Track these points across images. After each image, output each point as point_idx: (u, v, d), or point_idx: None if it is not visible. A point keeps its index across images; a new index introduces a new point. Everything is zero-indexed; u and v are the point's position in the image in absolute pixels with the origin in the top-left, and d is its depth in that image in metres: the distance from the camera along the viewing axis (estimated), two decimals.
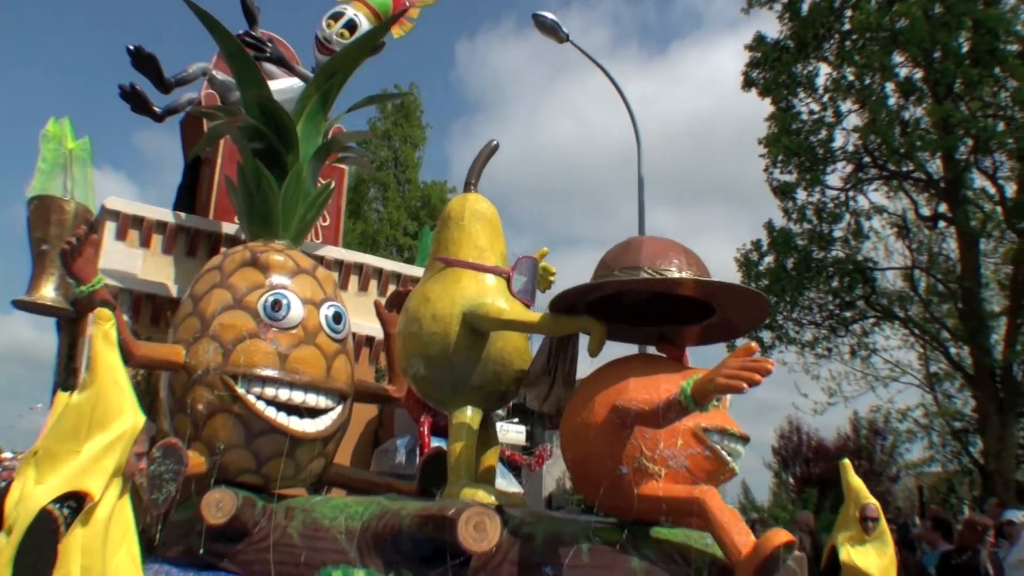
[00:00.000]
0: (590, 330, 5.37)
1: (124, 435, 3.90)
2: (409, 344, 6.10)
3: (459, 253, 6.20)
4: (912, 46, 20.87)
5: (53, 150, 7.74)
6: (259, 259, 6.53)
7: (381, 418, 8.81)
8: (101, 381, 3.94)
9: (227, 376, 6.13)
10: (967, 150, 21.10)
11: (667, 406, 4.73)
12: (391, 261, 9.38)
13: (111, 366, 4.02)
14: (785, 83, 22.92)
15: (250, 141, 6.96)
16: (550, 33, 17.13)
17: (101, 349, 4.05)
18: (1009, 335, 20.84)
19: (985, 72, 20.58)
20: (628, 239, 5.56)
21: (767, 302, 5.44)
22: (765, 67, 23.33)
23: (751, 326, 5.92)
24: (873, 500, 8.35)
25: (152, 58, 7.96)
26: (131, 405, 4.03)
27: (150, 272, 7.97)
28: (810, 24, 22.56)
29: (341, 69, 7.24)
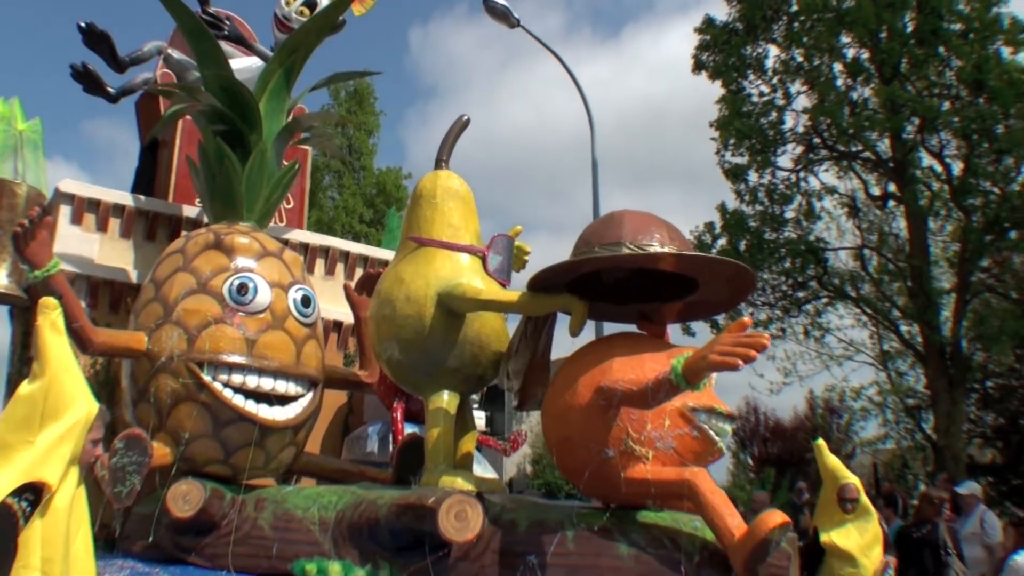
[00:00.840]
0: (571, 309, 5.12)
1: (78, 423, 3.70)
2: (382, 327, 5.80)
3: (432, 232, 5.92)
4: (858, 26, 20.89)
5: (2, 132, 7.33)
6: (223, 241, 6.20)
7: (351, 405, 8.49)
8: (52, 370, 3.70)
9: (192, 363, 5.82)
10: (914, 129, 21.14)
11: (656, 386, 4.51)
12: (357, 244, 9.05)
13: (60, 355, 3.78)
14: (735, 65, 22.82)
15: (211, 122, 6.62)
16: (501, 18, 16.86)
17: (49, 338, 3.80)
18: (957, 312, 20.92)
19: (930, 52, 20.66)
20: (609, 214, 5.30)
21: (753, 275, 5.21)
22: (715, 50, 23.24)
23: (736, 300, 5.70)
24: (852, 479, 8.17)
25: (105, 36, 7.56)
26: (83, 392, 3.79)
27: (108, 257, 7.59)
28: (758, 6, 22.47)
29: (304, 44, 6.90)
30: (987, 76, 19.78)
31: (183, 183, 8.10)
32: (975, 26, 20.32)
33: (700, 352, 4.34)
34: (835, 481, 8.10)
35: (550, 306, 5.28)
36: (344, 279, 8.56)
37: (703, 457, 4.83)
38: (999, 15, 20.24)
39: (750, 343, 4.18)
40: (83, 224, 7.55)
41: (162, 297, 6.06)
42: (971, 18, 20.42)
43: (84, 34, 7.54)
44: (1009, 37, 20.18)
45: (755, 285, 5.68)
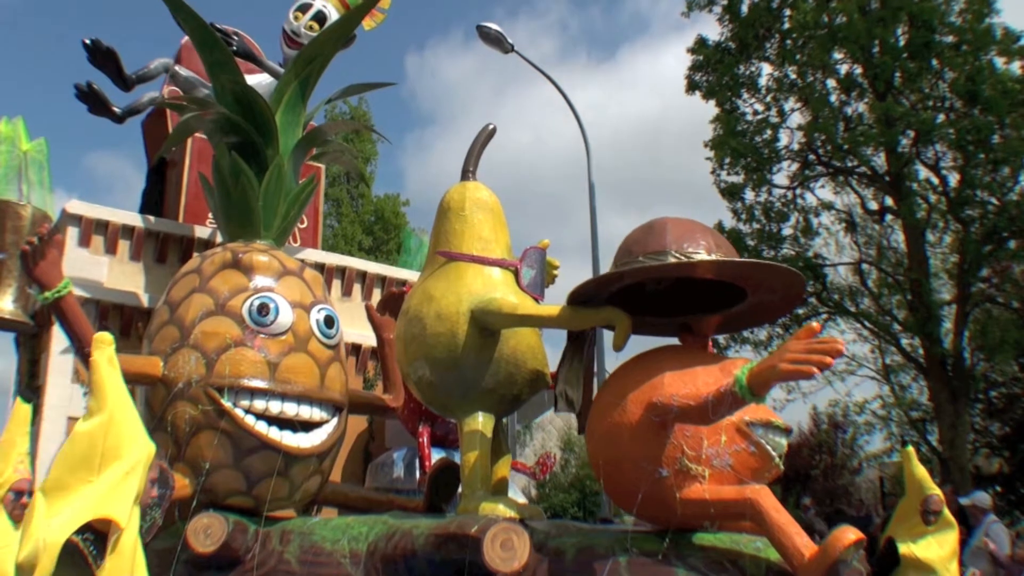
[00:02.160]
0: (614, 322, 4.75)
1: (140, 461, 3.52)
2: (412, 347, 5.40)
3: (462, 246, 5.54)
4: (850, 43, 20.70)
5: (6, 152, 6.95)
6: (241, 260, 5.80)
7: (371, 430, 8.06)
8: (111, 407, 3.53)
9: (212, 389, 5.42)
10: (909, 143, 20.93)
11: (718, 399, 4.15)
12: (375, 263, 8.62)
13: (118, 392, 3.63)
14: (728, 85, 22.56)
15: (225, 135, 6.23)
16: (495, 44, 16.63)
17: (106, 374, 3.64)
18: (958, 323, 20.66)
19: (923, 64, 20.49)
20: (650, 222, 4.97)
21: (803, 280, 4.86)
22: (708, 70, 22.98)
23: (785, 309, 5.36)
24: (936, 490, 7.77)
25: (111, 52, 7.18)
26: (141, 431, 3.64)
27: (117, 280, 7.19)
28: (750, 25, 22.26)
29: (320, 54, 6.53)
30: (981, 87, 19.60)
31: (194, 203, 7.72)
32: (967, 37, 20.13)
33: (768, 361, 3.99)
34: (920, 492, 7.70)
35: (592, 320, 4.94)
36: (361, 300, 8.16)
37: (760, 474, 4.51)
38: (991, 26, 20.07)
39: (824, 349, 3.82)
40: (91, 246, 7.15)
41: (178, 320, 5.67)
42: (963, 30, 20.25)
43: (89, 51, 7.16)
44: (1002, 47, 20.01)
45: (804, 291, 5.37)
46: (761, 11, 22.15)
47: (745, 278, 4.75)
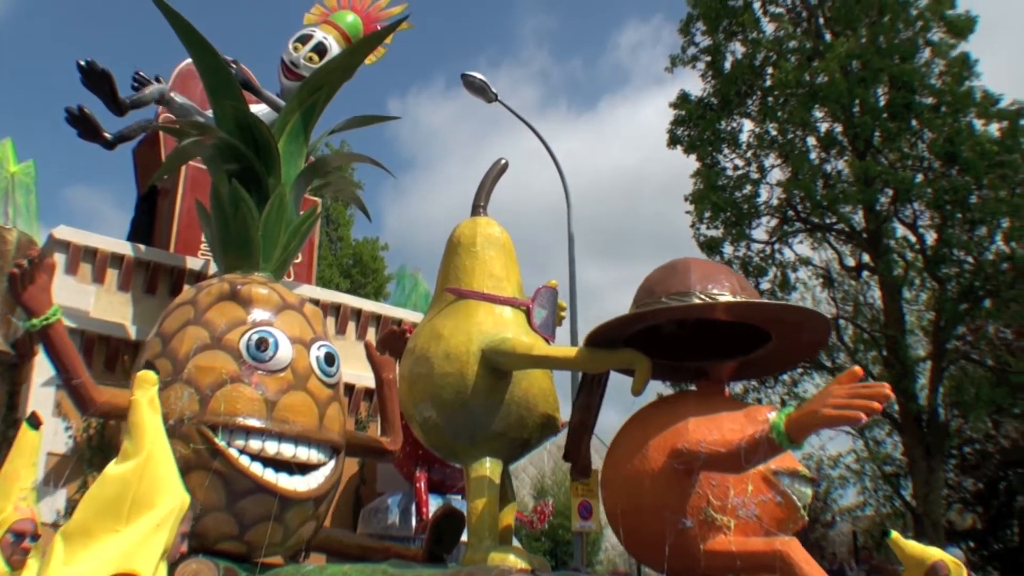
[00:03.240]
0: (634, 365, 4.55)
1: (172, 512, 3.20)
2: (418, 387, 5.13)
3: (472, 283, 5.29)
4: (831, 102, 20.67)
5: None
6: (240, 292, 5.49)
7: (363, 474, 7.70)
8: (147, 451, 3.23)
9: (205, 427, 5.12)
10: (888, 201, 20.85)
11: (752, 446, 4.00)
12: (371, 302, 8.28)
13: (157, 436, 3.32)
14: (710, 140, 22.45)
15: (225, 162, 5.94)
16: (479, 93, 16.47)
17: (147, 416, 3.37)
18: (933, 380, 20.50)
19: (902, 125, 20.45)
20: (671, 263, 4.83)
21: (828, 324, 4.75)
22: (690, 125, 22.91)
23: (806, 354, 5.17)
24: (938, 555, 7.46)
25: (107, 75, 6.86)
26: (177, 480, 3.29)
27: (104, 311, 6.83)
28: (732, 81, 22.22)
29: (328, 82, 6.25)
30: (959, 148, 19.58)
31: (186, 232, 7.38)
32: (947, 99, 20.13)
33: (809, 407, 3.86)
34: (921, 564, 7.39)
35: (612, 363, 4.73)
36: (356, 338, 7.82)
37: (785, 525, 4.37)
38: (971, 88, 20.08)
39: (871, 393, 3.70)
40: (78, 274, 6.78)
41: (170, 353, 5.34)
42: (943, 92, 20.25)
43: (84, 73, 6.85)
44: (981, 110, 20.00)
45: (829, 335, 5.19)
46: (744, 68, 22.13)
47: (770, 320, 4.58)
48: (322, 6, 8.11)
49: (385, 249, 30.24)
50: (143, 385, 3.39)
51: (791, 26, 21.69)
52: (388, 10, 8.02)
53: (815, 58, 21.04)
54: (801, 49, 21.33)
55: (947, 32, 20.42)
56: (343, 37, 7.72)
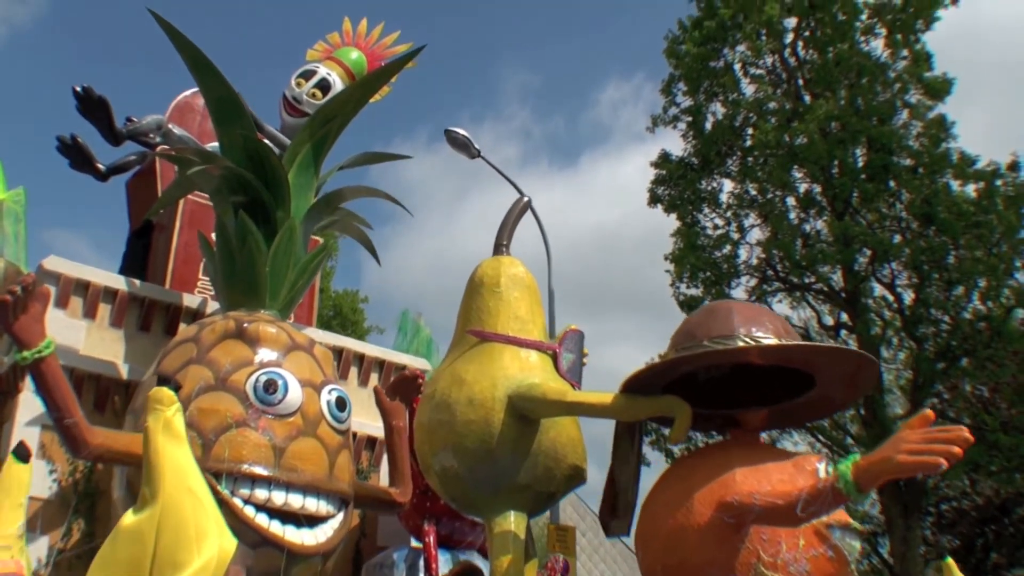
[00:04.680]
0: (674, 412, 4.27)
1: (209, 567, 2.57)
2: (437, 436, 4.73)
3: (496, 325, 4.92)
4: (810, 162, 20.65)
5: None
6: (247, 330, 5.07)
7: (363, 526, 7.19)
8: (169, 493, 2.63)
9: (208, 474, 4.54)
10: (866, 261, 20.80)
11: (813, 496, 3.68)
12: (374, 346, 7.80)
13: (181, 469, 2.72)
14: (690, 199, 22.37)
15: (232, 192, 5.54)
16: (462, 148, 16.24)
17: (164, 446, 2.74)
18: None
19: (880, 186, 20.45)
20: (711, 306, 4.65)
21: (876, 366, 4.44)
22: (670, 184, 22.83)
23: (848, 400, 4.88)
24: None
25: (103, 102, 6.47)
26: (214, 523, 2.69)
27: (95, 348, 6.32)
28: (713, 142, 22.17)
29: (340, 113, 5.88)
30: (936, 208, 19.56)
31: (182, 269, 6.91)
32: (924, 161, 20.13)
33: (881, 454, 3.53)
34: None
35: (650, 409, 4.42)
36: (358, 384, 7.36)
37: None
38: (948, 150, 20.11)
39: (950, 437, 3.36)
40: (68, 308, 6.28)
41: None
42: (920, 153, 20.25)
43: (80, 99, 6.44)
44: (957, 171, 20.00)
45: (876, 378, 4.90)
46: (724, 129, 22.10)
47: (815, 364, 4.33)
48: (326, 43, 7.78)
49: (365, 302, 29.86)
50: (156, 407, 2.78)
51: (771, 88, 21.73)
52: (393, 48, 7.70)
53: (794, 119, 21.02)
54: (781, 110, 21.35)
55: (924, 94, 20.50)
56: (347, 74, 7.39)
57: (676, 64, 22.18)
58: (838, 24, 20.71)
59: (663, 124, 23.32)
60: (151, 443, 2.68)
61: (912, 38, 20.61)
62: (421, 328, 8.34)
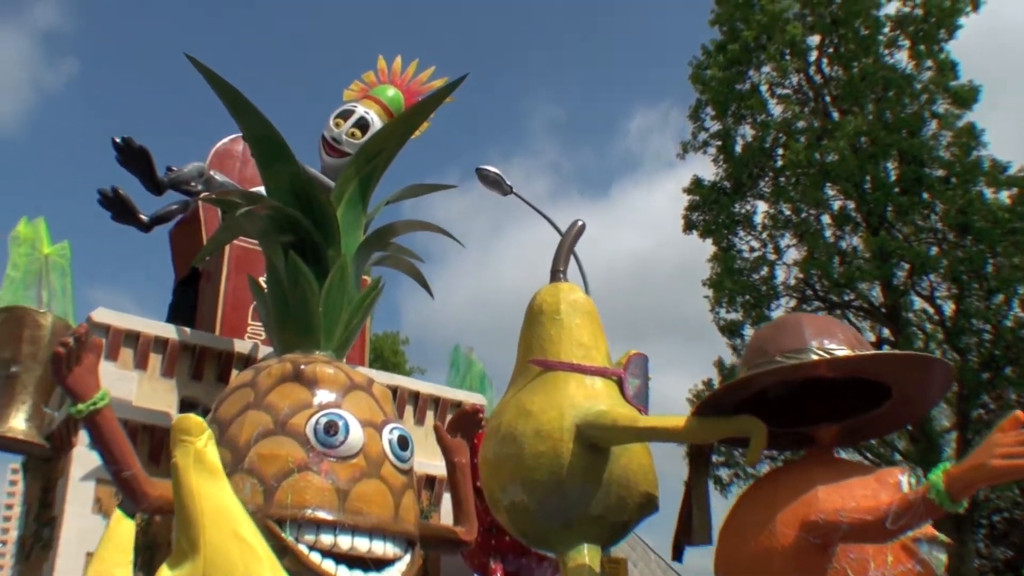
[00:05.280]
0: (750, 432, 4.10)
1: None
2: (504, 469, 4.59)
3: (560, 353, 4.78)
4: (842, 179, 20.58)
5: (25, 255, 6.09)
6: (304, 372, 4.91)
7: (426, 567, 7.00)
8: (212, 542, 2.32)
9: (271, 521, 4.48)
10: (904, 275, 20.62)
11: (904, 510, 3.54)
12: (429, 384, 7.64)
13: (223, 510, 2.44)
14: (725, 223, 22.27)
15: (281, 233, 5.40)
16: (494, 186, 16.22)
17: (199, 485, 2.49)
18: (959, 451, 19.98)
19: (914, 198, 20.33)
20: (780, 319, 4.58)
21: (951, 371, 4.35)
22: (704, 209, 22.72)
23: (921, 411, 4.73)
24: None
25: (144, 152, 6.40)
26: (270, 568, 2.34)
27: (147, 398, 6.21)
28: (744, 164, 22.09)
29: (386, 148, 5.76)
30: (972, 218, 19.44)
31: (231, 315, 6.79)
32: (957, 170, 20.02)
33: (973, 460, 3.38)
34: None
35: (725, 430, 4.25)
36: (414, 423, 7.19)
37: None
38: (979, 158, 19.98)
39: None
40: (119, 360, 6.17)
41: (230, 440, 4.75)
42: (952, 163, 20.16)
43: (120, 150, 6.37)
44: (990, 178, 19.88)
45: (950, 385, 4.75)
46: (754, 151, 22.03)
47: (892, 374, 4.17)
48: (361, 82, 7.69)
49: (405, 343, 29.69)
50: (183, 438, 2.48)
51: (798, 106, 21.69)
52: (430, 83, 7.60)
53: (824, 137, 20.97)
54: (810, 129, 21.31)
55: (952, 103, 20.47)
56: (385, 111, 7.29)
57: (702, 89, 22.15)
58: (861, 39, 20.64)
59: (693, 150, 23.29)
60: (183, 483, 2.39)
61: (936, 48, 20.52)
62: (473, 363, 8.19)
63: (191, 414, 2.62)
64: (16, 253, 6.13)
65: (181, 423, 2.59)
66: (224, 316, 6.78)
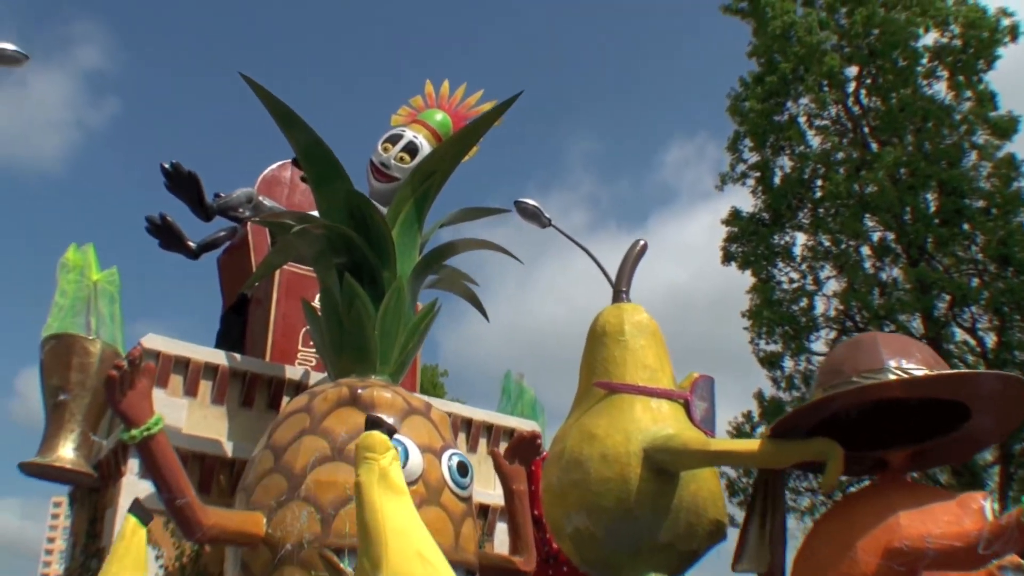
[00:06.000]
0: (827, 456, 3.96)
1: None
2: (570, 497, 4.41)
3: (624, 375, 4.61)
4: (882, 211, 20.34)
5: (74, 282, 5.96)
6: (361, 397, 4.78)
7: None
8: (394, 559, 2.20)
9: (329, 551, 4.31)
10: (945, 306, 20.31)
11: (995, 535, 3.48)
12: (481, 410, 7.46)
13: (406, 530, 2.28)
14: (764, 254, 22.05)
15: (336, 254, 5.28)
16: (532, 219, 16.20)
17: (383, 503, 2.30)
18: (1003, 483, 19.63)
19: (954, 230, 20.07)
20: (855, 339, 4.37)
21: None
22: (743, 240, 22.52)
23: (997, 436, 4.63)
24: None
25: (193, 177, 6.33)
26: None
27: (197, 426, 6.07)
28: (783, 195, 21.89)
29: (440, 168, 5.65)
30: (1012, 249, 19.17)
31: (282, 342, 6.64)
32: (997, 201, 19.77)
33: None
34: None
35: (801, 454, 4.09)
36: (467, 450, 7.01)
37: None
38: (1020, 189, 19.73)
39: None
40: (169, 387, 6.04)
41: (285, 467, 4.62)
42: (992, 194, 19.91)
43: (168, 176, 6.31)
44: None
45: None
46: (793, 182, 21.84)
47: (966, 395, 4.04)
48: (409, 107, 7.56)
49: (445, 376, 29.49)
50: (367, 456, 2.36)
51: (837, 137, 21.51)
52: (478, 107, 7.47)
53: (863, 168, 20.78)
54: (848, 160, 21.14)
55: (992, 134, 20.28)
56: (433, 135, 7.15)
57: (741, 121, 22.03)
58: (899, 70, 20.47)
59: (731, 181, 23.13)
60: (366, 501, 2.25)
61: (975, 78, 20.34)
62: (525, 389, 8.01)
63: (375, 431, 2.49)
64: (64, 280, 6.01)
65: (365, 440, 2.49)
66: (274, 342, 6.63)
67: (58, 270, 6.04)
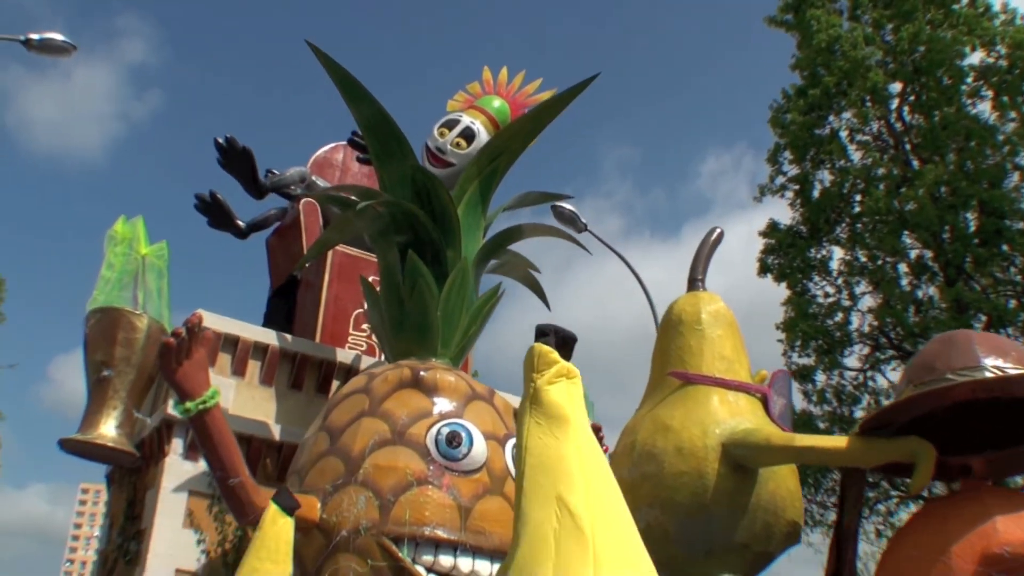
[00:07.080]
0: (918, 456, 3.83)
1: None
2: (642, 490, 4.22)
3: (701, 366, 4.42)
4: (921, 228, 20.05)
5: (122, 255, 5.75)
6: (424, 379, 4.56)
7: None
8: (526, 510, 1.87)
9: (387, 539, 4.13)
10: (982, 327, 19.96)
11: None
12: None
13: (546, 467, 1.89)
14: (800, 267, 21.83)
15: (398, 231, 5.07)
16: (568, 223, 16.14)
17: (528, 434, 1.96)
18: None
19: (993, 250, 19.78)
20: (947, 336, 4.29)
21: None
22: (780, 253, 22.33)
23: None
24: None
25: (247, 153, 6.16)
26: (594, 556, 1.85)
27: (244, 407, 5.87)
28: (821, 209, 21.66)
29: (508, 148, 5.46)
30: None
31: (332, 326, 6.42)
32: None
33: None
34: None
35: (891, 453, 3.95)
36: None
37: None
38: None
39: None
40: (216, 366, 5.83)
41: (342, 450, 4.40)
42: None
43: (222, 151, 6.14)
44: None
45: None
46: (832, 196, 21.62)
47: None
48: (466, 92, 7.37)
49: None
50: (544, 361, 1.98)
51: (878, 153, 21.24)
52: (536, 96, 7.27)
53: (903, 185, 20.49)
54: (889, 176, 20.85)
55: None
56: (491, 122, 6.94)
57: (781, 133, 21.80)
58: (943, 88, 20.21)
59: (770, 193, 22.91)
60: (517, 431, 1.91)
61: (1020, 99, 20.07)
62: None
63: (540, 343, 2.14)
64: (112, 253, 5.80)
65: (526, 358, 2.19)
66: (325, 325, 6.41)
67: (106, 242, 5.82)
